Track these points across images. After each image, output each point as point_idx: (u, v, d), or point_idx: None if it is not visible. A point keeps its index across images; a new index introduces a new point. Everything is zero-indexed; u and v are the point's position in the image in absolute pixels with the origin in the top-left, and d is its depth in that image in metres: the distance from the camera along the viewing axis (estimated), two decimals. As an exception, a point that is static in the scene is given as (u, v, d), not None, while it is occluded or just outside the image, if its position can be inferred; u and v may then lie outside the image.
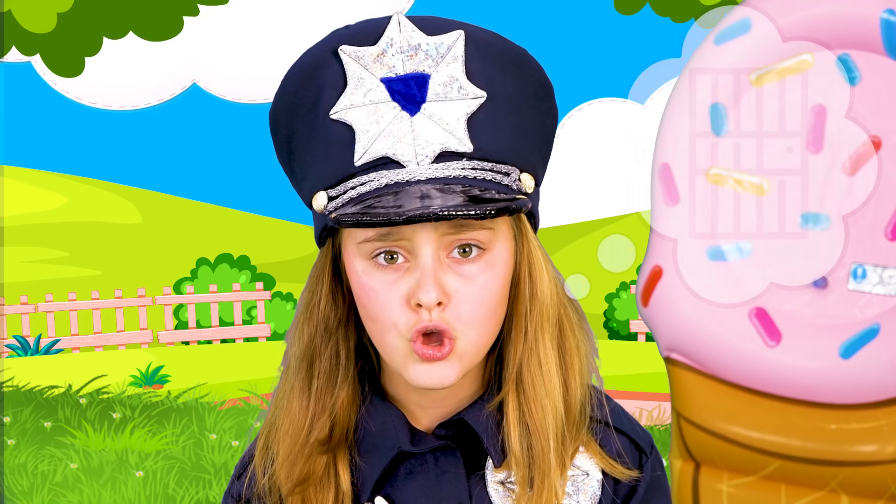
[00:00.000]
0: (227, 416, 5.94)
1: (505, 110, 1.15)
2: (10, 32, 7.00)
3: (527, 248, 1.20)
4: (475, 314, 1.14)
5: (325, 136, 1.14)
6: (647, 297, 1.20)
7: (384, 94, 1.12)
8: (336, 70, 1.14)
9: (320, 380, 1.20)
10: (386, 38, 1.14)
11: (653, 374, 6.00)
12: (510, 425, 1.17)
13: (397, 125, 1.12)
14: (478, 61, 1.14)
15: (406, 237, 1.12)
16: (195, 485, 5.01)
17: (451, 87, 1.13)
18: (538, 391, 1.18)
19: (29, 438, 5.60)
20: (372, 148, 1.12)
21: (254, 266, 8.34)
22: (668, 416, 3.01)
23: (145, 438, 5.69)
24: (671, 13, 6.80)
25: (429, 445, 1.20)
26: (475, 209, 1.09)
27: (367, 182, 1.12)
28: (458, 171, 1.12)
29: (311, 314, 1.21)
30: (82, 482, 5.06)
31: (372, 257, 1.14)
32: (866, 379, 1.17)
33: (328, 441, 1.20)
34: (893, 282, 1.07)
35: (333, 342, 1.21)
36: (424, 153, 1.12)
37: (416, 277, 1.12)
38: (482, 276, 1.14)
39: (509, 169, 1.15)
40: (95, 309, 8.07)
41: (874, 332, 1.17)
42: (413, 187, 1.11)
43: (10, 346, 7.66)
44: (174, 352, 8.02)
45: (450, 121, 1.12)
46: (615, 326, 8.30)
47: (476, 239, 1.13)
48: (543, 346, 1.19)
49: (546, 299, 1.20)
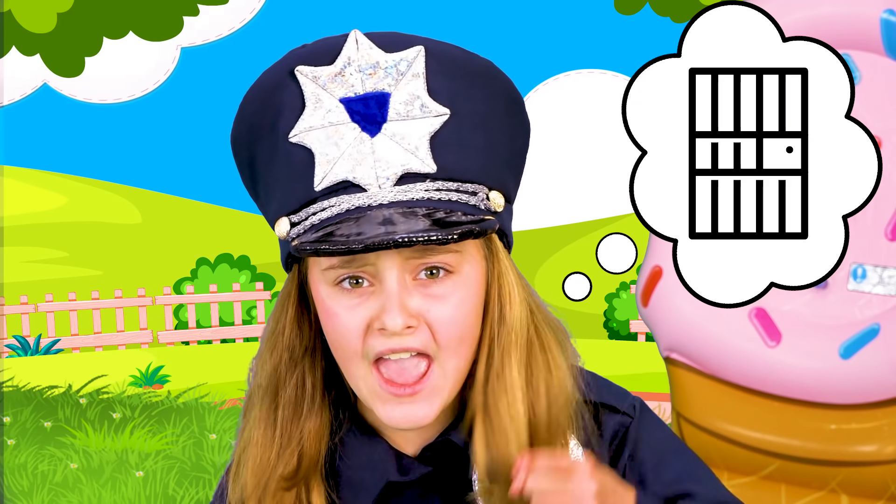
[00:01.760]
0: (227, 416, 5.93)
1: (470, 127, 1.11)
2: (10, 32, 6.99)
3: (497, 269, 1.15)
4: (450, 336, 1.10)
5: (286, 159, 1.11)
6: (647, 297, 1.20)
7: (343, 115, 1.09)
8: (294, 91, 1.11)
9: (286, 410, 1.16)
10: (343, 57, 1.10)
11: (653, 374, 5.99)
12: (478, 453, 1.13)
13: (357, 147, 1.08)
14: (440, 77, 1.10)
15: (370, 262, 1.09)
16: (195, 485, 5.00)
17: (413, 105, 1.09)
18: (503, 419, 1.13)
19: (29, 438, 5.60)
20: (332, 172, 1.09)
21: (254, 266, 8.34)
22: (668, 416, 3.01)
23: (145, 438, 5.68)
24: (671, 13, 6.79)
25: (417, 473, 1.17)
26: (437, 233, 1.05)
27: (327, 207, 1.09)
28: (422, 194, 1.08)
29: (276, 342, 1.17)
30: (82, 482, 5.05)
31: (336, 283, 1.11)
32: (866, 379, 1.17)
33: (294, 475, 1.15)
34: (893, 282, 1.07)
35: (299, 371, 1.16)
36: (385, 175, 1.08)
37: (380, 302, 1.09)
38: (453, 295, 1.10)
39: (476, 188, 1.11)
40: (95, 309, 8.07)
41: (874, 333, 1.17)
42: (375, 212, 1.07)
43: (10, 346, 7.66)
44: (174, 352, 8.01)
45: (412, 140, 1.08)
46: (615, 326, 8.30)
47: (443, 262, 1.10)
48: (510, 372, 1.14)
49: (515, 323, 1.14)
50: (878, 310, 2.14)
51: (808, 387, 2.09)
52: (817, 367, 2.14)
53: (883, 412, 2.03)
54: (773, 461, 1.93)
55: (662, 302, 2.39)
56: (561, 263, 7.11)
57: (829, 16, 1.86)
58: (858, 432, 1.95)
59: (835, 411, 2.13)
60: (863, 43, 1.83)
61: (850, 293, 1.80)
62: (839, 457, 1.25)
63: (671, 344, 2.42)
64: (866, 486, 1.90)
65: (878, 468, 2.05)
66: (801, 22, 1.95)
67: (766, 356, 2.10)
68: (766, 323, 2.15)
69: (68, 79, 7.19)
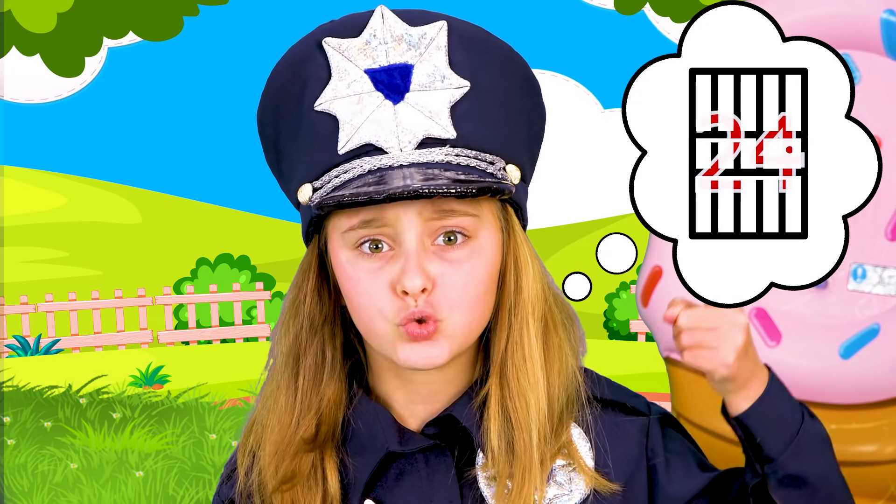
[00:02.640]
0: (227, 416, 5.93)
1: (489, 102, 1.15)
2: (10, 32, 6.99)
3: (513, 240, 1.19)
4: (461, 299, 1.13)
5: (310, 128, 1.14)
6: (647, 297, 1.20)
7: (368, 85, 1.12)
8: (320, 62, 1.14)
9: (306, 377, 1.20)
10: (369, 30, 1.14)
11: (653, 374, 5.99)
12: (490, 419, 1.16)
13: (381, 113, 1.12)
14: (461, 52, 1.14)
15: (389, 224, 1.12)
16: (195, 485, 5.00)
17: (435, 76, 1.13)
18: (522, 385, 1.17)
19: (29, 438, 5.59)
20: (355, 136, 1.12)
21: (254, 266, 8.33)
22: (668, 416, 3.00)
23: (145, 438, 5.68)
24: (671, 13, 6.79)
25: (417, 445, 1.20)
26: (456, 187, 1.09)
27: (349, 170, 1.12)
28: (442, 157, 1.12)
29: (297, 311, 1.21)
30: (82, 482, 5.05)
31: (356, 247, 1.14)
32: (866, 379, 1.17)
33: (314, 439, 1.19)
34: (893, 282, 1.07)
35: (319, 339, 1.20)
36: (407, 139, 1.11)
37: (400, 264, 1.12)
38: (468, 262, 1.14)
39: (493, 158, 1.15)
40: (95, 309, 8.07)
41: (874, 333, 1.17)
42: (396, 171, 1.11)
43: (10, 346, 7.66)
44: (174, 352, 8.01)
45: (433, 109, 1.12)
46: (615, 326, 8.30)
47: (460, 226, 1.13)
48: (528, 340, 1.18)
49: (531, 293, 1.19)
50: (878, 310, 2.14)
51: (808, 387, 2.09)
52: (817, 367, 2.14)
53: (883, 412, 2.03)
54: (773, 461, 1.95)
55: (662, 302, 2.39)
56: (561, 263, 7.12)
57: (829, 16, 1.86)
58: (858, 432, 1.95)
59: (835, 411, 2.13)
60: (863, 43, 1.83)
61: (850, 293, 1.79)
62: (839, 457, 1.26)
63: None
64: (866, 486, 1.90)
65: (878, 468, 2.06)
66: (801, 22, 1.95)
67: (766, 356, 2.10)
68: (766, 323, 2.15)
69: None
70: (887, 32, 1.25)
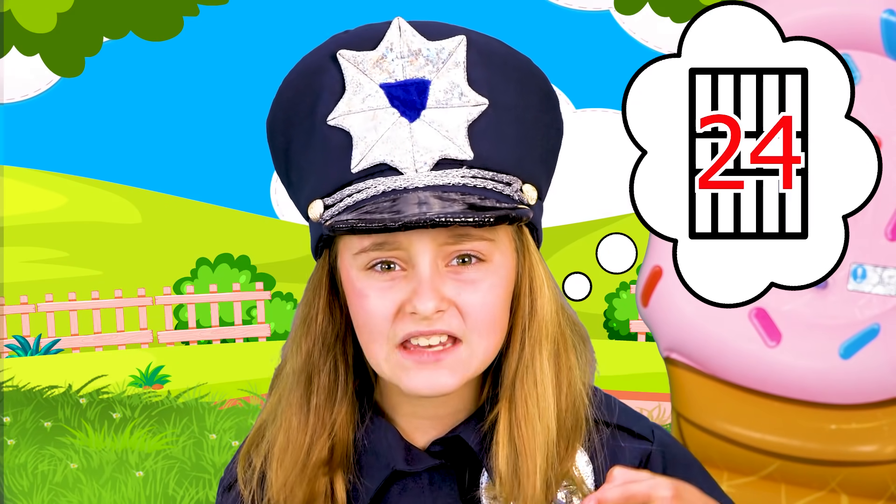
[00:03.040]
0: (227, 416, 5.93)
1: (507, 119, 1.12)
2: (10, 32, 6.99)
3: (528, 262, 1.16)
4: (480, 320, 1.11)
5: (323, 142, 1.11)
6: (647, 297, 1.20)
7: (383, 100, 1.10)
8: (334, 75, 1.11)
9: (319, 396, 1.17)
10: (386, 43, 1.11)
11: (653, 374, 5.98)
12: (499, 444, 1.14)
13: (396, 131, 1.09)
14: (480, 68, 1.11)
15: (403, 247, 1.09)
16: (195, 485, 5.00)
17: (452, 93, 1.10)
18: (531, 410, 1.14)
19: (29, 438, 5.59)
20: (370, 154, 1.09)
21: (254, 266, 8.33)
22: (668, 416, 3.00)
23: (145, 438, 5.68)
24: (671, 13, 6.79)
25: (424, 465, 1.18)
26: (473, 216, 1.06)
27: (363, 189, 1.09)
28: (458, 179, 1.09)
29: (309, 328, 1.18)
30: (82, 482, 5.05)
31: (368, 267, 1.11)
32: (866, 379, 1.17)
33: (329, 461, 1.16)
34: (893, 282, 1.07)
35: (332, 357, 1.18)
36: (423, 160, 1.08)
37: (412, 286, 1.09)
38: (484, 281, 1.11)
39: (511, 179, 1.12)
40: (95, 309, 8.07)
41: (874, 333, 1.17)
42: (411, 194, 1.08)
43: (10, 346, 7.66)
44: (174, 352, 8.01)
45: (450, 128, 1.09)
46: (615, 326, 8.30)
47: (475, 250, 1.11)
48: (540, 364, 1.15)
49: (546, 315, 1.16)
50: (878, 310, 2.14)
51: (808, 387, 2.09)
52: (817, 367, 2.14)
53: (883, 412, 2.03)
54: (773, 461, 1.93)
55: (662, 302, 2.39)
56: (561, 263, 7.11)
57: (829, 16, 1.86)
58: (858, 432, 1.95)
59: (835, 411, 2.13)
60: (863, 43, 1.83)
61: (850, 293, 1.79)
62: (839, 457, 1.25)
63: (671, 344, 2.42)
64: (866, 486, 1.90)
65: (878, 468, 2.05)
66: (801, 22, 1.95)
67: (766, 356, 2.10)
68: (766, 323, 2.15)
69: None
70: (887, 32, 1.25)
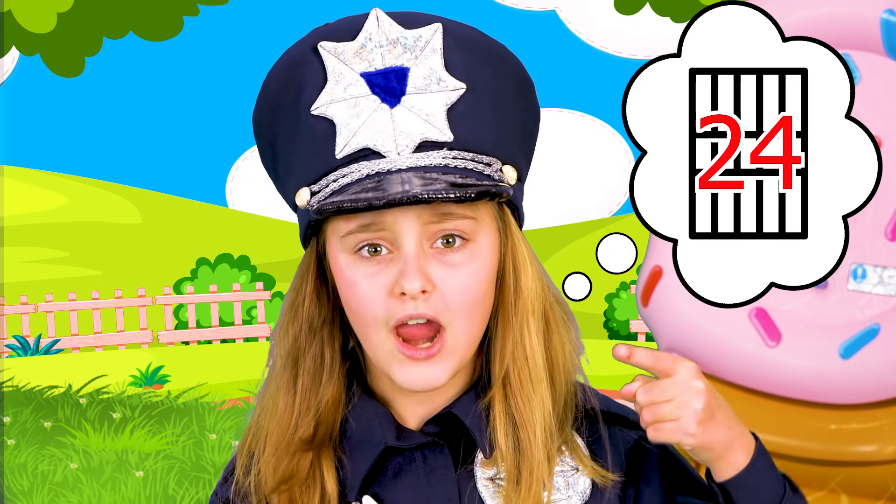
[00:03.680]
0: (227, 416, 5.93)
1: (485, 102, 1.15)
2: (10, 32, 6.99)
3: (511, 241, 1.20)
4: (462, 303, 1.14)
5: (307, 132, 1.15)
6: (647, 297, 1.20)
7: (364, 89, 1.13)
8: (316, 67, 1.15)
9: (305, 379, 1.21)
10: (365, 33, 1.15)
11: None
12: (496, 419, 1.17)
13: (378, 117, 1.12)
14: (456, 54, 1.15)
15: (388, 228, 1.13)
16: (195, 485, 5.00)
17: (431, 79, 1.14)
18: (525, 385, 1.17)
19: (29, 438, 5.59)
20: (353, 140, 1.13)
21: (254, 266, 8.33)
22: (668, 416, 2.98)
23: (145, 438, 5.68)
24: (671, 13, 6.79)
25: (416, 441, 1.20)
26: (455, 192, 1.10)
27: (348, 174, 1.13)
28: (439, 160, 1.12)
29: (296, 313, 1.22)
30: (82, 482, 5.05)
31: (355, 251, 1.15)
32: (866, 379, 1.17)
33: (312, 440, 1.19)
34: (893, 282, 1.07)
35: (318, 342, 1.21)
36: (405, 143, 1.12)
37: (399, 267, 1.13)
38: (467, 265, 1.14)
39: (490, 160, 1.16)
40: (95, 309, 8.07)
41: (874, 333, 1.17)
42: (394, 175, 1.11)
43: (10, 346, 7.66)
44: (174, 352, 8.01)
45: (430, 112, 1.13)
46: (615, 326, 8.30)
47: (459, 229, 1.14)
48: (530, 340, 1.18)
49: (531, 292, 1.19)
50: (878, 310, 2.14)
51: (808, 387, 2.09)
52: (817, 367, 2.14)
53: (883, 412, 2.03)
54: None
55: (662, 302, 2.39)
56: (561, 263, 7.11)
57: (829, 16, 1.86)
58: (858, 432, 1.95)
59: (835, 411, 2.13)
60: (863, 43, 1.83)
61: (850, 293, 1.79)
62: (839, 457, 1.25)
63: (671, 344, 2.42)
64: (866, 486, 1.90)
65: (878, 468, 2.05)
66: (801, 22, 1.94)
67: (766, 356, 2.10)
68: (766, 323, 2.15)
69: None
70: (887, 32, 1.25)
